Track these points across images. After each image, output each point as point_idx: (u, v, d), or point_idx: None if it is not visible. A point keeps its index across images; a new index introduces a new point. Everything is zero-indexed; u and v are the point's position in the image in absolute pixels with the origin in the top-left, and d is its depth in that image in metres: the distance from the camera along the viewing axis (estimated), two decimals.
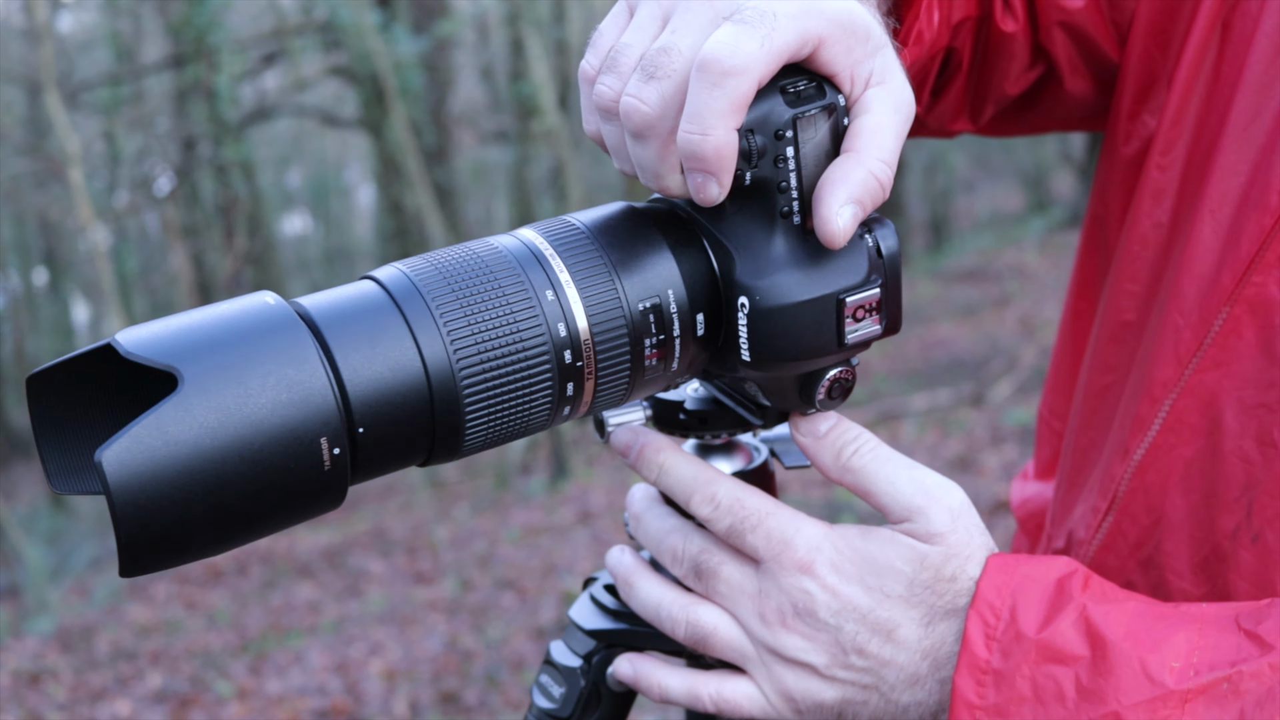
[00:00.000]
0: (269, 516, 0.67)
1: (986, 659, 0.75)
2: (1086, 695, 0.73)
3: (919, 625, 0.79)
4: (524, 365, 0.72)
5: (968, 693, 0.75)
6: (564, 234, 0.76)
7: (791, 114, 0.73)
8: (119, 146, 13.04)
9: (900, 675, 0.79)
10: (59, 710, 6.06)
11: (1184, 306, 0.94)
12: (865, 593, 0.79)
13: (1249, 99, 0.94)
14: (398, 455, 0.71)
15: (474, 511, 9.05)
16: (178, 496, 0.64)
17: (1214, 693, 0.71)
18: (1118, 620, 0.75)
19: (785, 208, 0.75)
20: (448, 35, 12.95)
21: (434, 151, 13.42)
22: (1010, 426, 7.19)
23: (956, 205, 20.36)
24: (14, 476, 17.47)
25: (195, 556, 0.67)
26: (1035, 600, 0.76)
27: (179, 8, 11.86)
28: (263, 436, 0.65)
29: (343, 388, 0.68)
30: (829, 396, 0.80)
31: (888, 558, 0.80)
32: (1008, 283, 12.00)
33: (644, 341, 0.76)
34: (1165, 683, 0.72)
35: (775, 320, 0.75)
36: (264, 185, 16.61)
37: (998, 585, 0.77)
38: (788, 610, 0.80)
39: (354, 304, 0.71)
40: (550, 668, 0.93)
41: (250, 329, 0.67)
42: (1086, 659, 0.74)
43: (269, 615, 7.34)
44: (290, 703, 5.73)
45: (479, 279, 0.73)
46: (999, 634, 0.76)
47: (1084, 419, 1.07)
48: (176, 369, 0.65)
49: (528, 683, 5.30)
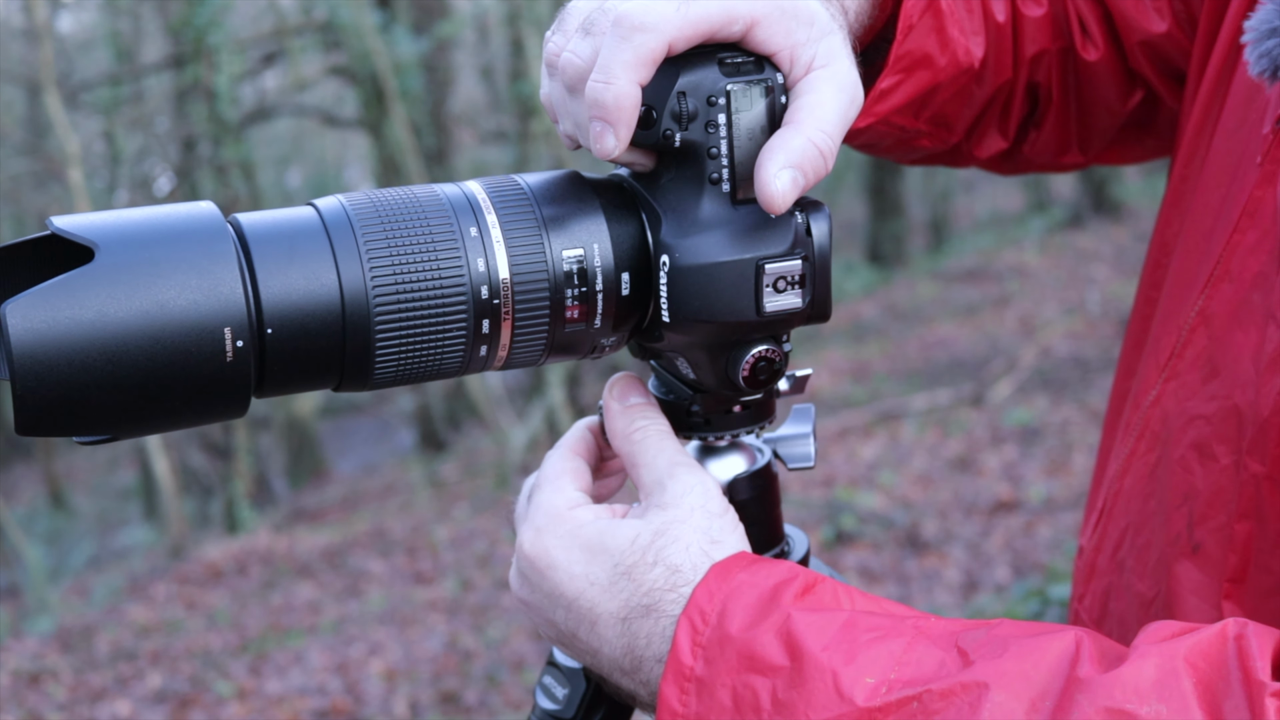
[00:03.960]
0: (168, 400, 0.70)
1: (691, 666, 0.75)
2: (780, 708, 0.71)
3: (616, 621, 0.79)
4: (439, 299, 0.75)
5: (671, 700, 0.75)
6: (505, 188, 0.80)
7: (725, 83, 0.77)
8: (119, 146, 13.03)
9: (611, 665, 0.81)
10: (59, 710, 6.06)
11: (1166, 318, 0.97)
12: (570, 580, 0.81)
13: (1231, 115, 0.96)
14: (307, 371, 0.74)
15: (474, 511, 9.05)
16: (76, 358, 0.67)
17: (903, 712, 0.69)
18: (821, 630, 0.73)
19: (715, 174, 0.78)
20: (448, 36, 12.95)
21: (434, 151, 13.41)
22: (1010, 427, 7.18)
23: (956, 205, 20.35)
24: (14, 476, 17.46)
25: (93, 429, 0.70)
26: (745, 607, 0.75)
27: (179, 8, 11.85)
28: (166, 315, 0.69)
29: (256, 288, 0.72)
30: (754, 376, 0.81)
31: (606, 540, 0.81)
32: (1008, 283, 12.00)
33: (565, 293, 0.78)
34: (855, 699, 0.70)
35: (692, 278, 0.78)
36: (264, 185, 16.61)
37: (711, 591, 0.76)
38: (521, 573, 0.84)
39: (286, 222, 0.75)
40: (553, 669, 0.93)
41: (177, 224, 0.71)
42: (786, 669, 0.72)
43: (269, 615, 7.33)
44: (290, 703, 5.73)
45: (410, 216, 0.76)
46: (704, 640, 0.75)
47: (1107, 424, 1.09)
48: (95, 243, 0.68)
49: (528, 683, 5.30)
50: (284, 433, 15.33)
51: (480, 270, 0.76)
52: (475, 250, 0.77)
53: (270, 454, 15.26)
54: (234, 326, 0.70)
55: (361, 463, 15.67)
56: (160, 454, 11.28)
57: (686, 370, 0.84)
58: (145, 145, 14.19)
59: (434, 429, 14.16)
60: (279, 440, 15.55)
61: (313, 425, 15.43)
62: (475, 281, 0.76)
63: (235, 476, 11.75)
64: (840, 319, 11.81)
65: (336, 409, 18.21)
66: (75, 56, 16.39)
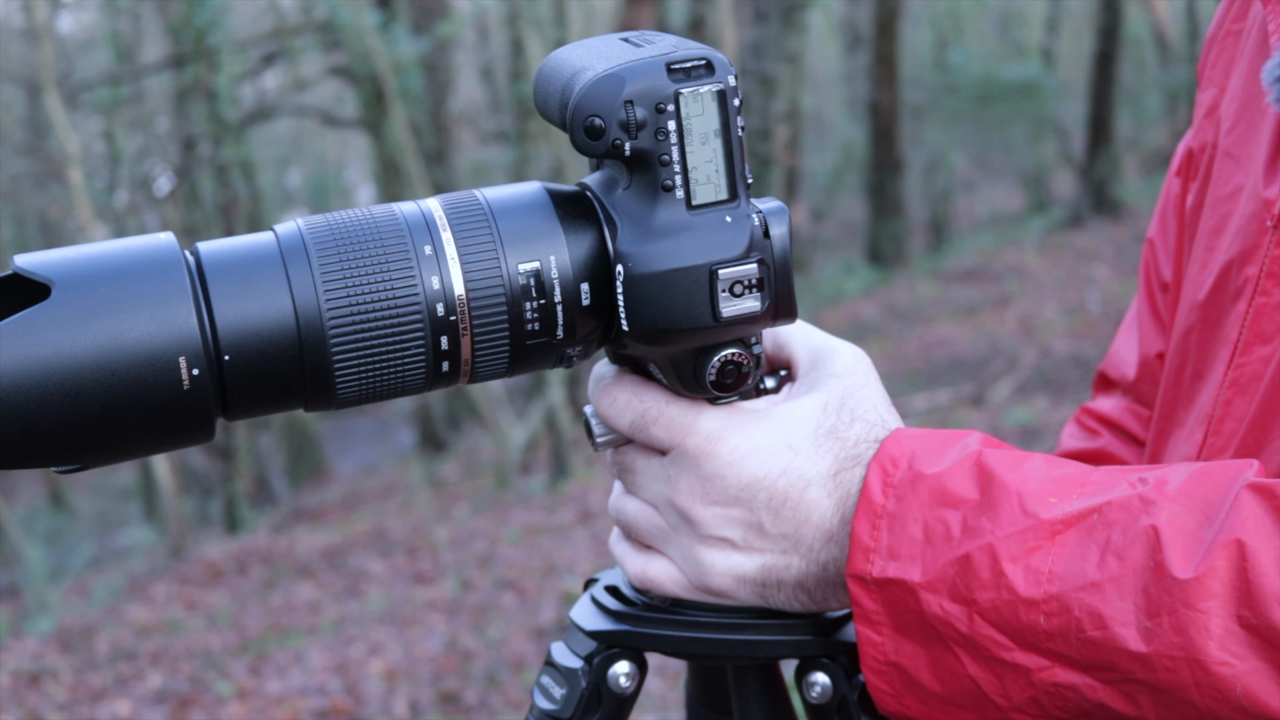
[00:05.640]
0: (129, 431, 0.72)
1: (882, 504, 0.79)
2: (969, 532, 0.77)
3: (828, 479, 0.82)
4: (394, 318, 0.77)
5: (863, 535, 0.79)
6: (462, 204, 0.80)
7: (674, 89, 0.77)
8: (119, 146, 13.04)
9: (816, 534, 0.82)
10: (59, 710, 6.06)
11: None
12: (772, 457, 0.82)
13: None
14: (270, 394, 0.76)
15: (474, 511, 9.05)
16: (34, 393, 0.70)
17: (1084, 524, 0.75)
18: (1011, 466, 0.78)
19: (668, 181, 0.78)
20: (448, 36, 12.95)
21: (434, 152, 13.42)
22: (1010, 426, 7.18)
23: (956, 205, 20.34)
24: (14, 476, 17.46)
25: (59, 460, 0.73)
26: (934, 450, 0.80)
27: (179, 8, 11.86)
28: (121, 348, 0.71)
29: (211, 316, 0.74)
30: (721, 379, 0.81)
31: (794, 412, 0.83)
32: (1008, 283, 11.99)
33: (524, 305, 0.79)
34: (1039, 514, 0.76)
35: (646, 287, 0.78)
36: (264, 185, 16.61)
37: (899, 438, 0.82)
38: (697, 491, 0.83)
39: (243, 250, 0.77)
40: (551, 669, 0.93)
41: (133, 258, 0.73)
42: (975, 502, 0.77)
43: (269, 615, 7.33)
44: (290, 703, 5.73)
45: (365, 237, 0.78)
46: (896, 480, 0.80)
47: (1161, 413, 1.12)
48: (51, 280, 0.71)
49: (528, 683, 5.30)
50: (284, 433, 15.34)
51: (435, 288, 0.77)
52: (429, 268, 0.77)
53: (270, 454, 15.27)
54: (189, 355, 0.72)
55: (361, 463, 15.68)
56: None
57: (658, 375, 0.84)
58: (145, 145, 14.20)
59: (434, 429, 14.17)
60: (279, 440, 15.56)
61: (313, 425, 15.44)
62: (430, 299, 0.77)
63: (235, 476, 11.76)
64: (840, 319, 11.81)
65: None
66: (75, 56, 16.39)
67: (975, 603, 0.76)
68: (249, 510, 11.62)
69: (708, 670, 0.97)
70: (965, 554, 0.77)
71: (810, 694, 0.87)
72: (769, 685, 0.92)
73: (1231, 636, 0.71)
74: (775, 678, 0.93)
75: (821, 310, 12.33)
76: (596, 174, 0.83)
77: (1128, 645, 0.73)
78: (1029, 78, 16.77)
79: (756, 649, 0.86)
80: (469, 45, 17.41)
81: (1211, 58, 1.04)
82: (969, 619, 0.77)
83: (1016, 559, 0.75)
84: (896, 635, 0.80)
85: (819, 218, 20.46)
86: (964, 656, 0.78)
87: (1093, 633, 0.74)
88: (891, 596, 0.79)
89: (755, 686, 0.92)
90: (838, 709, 0.87)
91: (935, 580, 0.77)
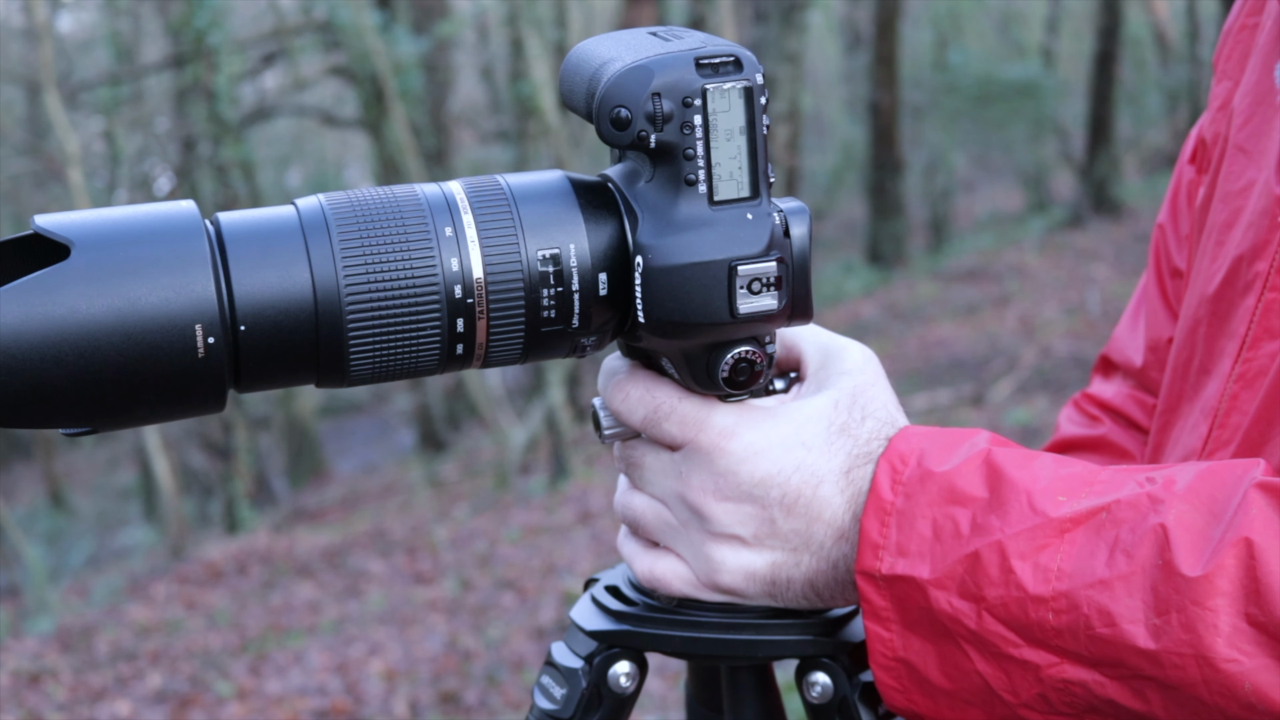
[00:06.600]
0: (141, 396, 0.72)
1: (891, 501, 0.79)
2: (978, 530, 0.77)
3: (840, 476, 0.82)
4: (411, 297, 0.76)
5: (872, 532, 0.79)
6: (485, 188, 0.80)
7: (702, 84, 0.76)
8: (119, 146, 13.03)
9: (828, 531, 0.82)
10: (59, 710, 6.06)
11: None
12: (785, 454, 0.82)
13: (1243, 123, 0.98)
14: (283, 367, 0.76)
15: (474, 511, 9.05)
16: (49, 352, 0.69)
17: (1093, 522, 0.75)
18: (1020, 465, 0.79)
19: (691, 175, 0.77)
20: (448, 36, 12.95)
21: (433, 152, 13.42)
22: (1010, 426, 7.18)
23: (956, 205, 20.35)
24: (14, 476, 17.47)
25: (69, 421, 0.72)
26: (943, 448, 0.81)
27: (179, 8, 11.86)
28: (138, 312, 0.71)
29: (230, 285, 0.73)
30: (734, 376, 0.81)
31: (806, 411, 0.83)
32: (1008, 283, 12.00)
33: (541, 292, 0.79)
34: (1047, 512, 0.76)
35: (664, 280, 0.78)
36: (264, 185, 16.61)
37: (907, 436, 0.82)
38: (709, 488, 0.83)
39: (265, 221, 0.77)
40: (551, 669, 0.93)
41: (153, 223, 0.73)
42: (984, 499, 0.78)
43: (269, 615, 7.33)
44: (290, 703, 5.73)
45: (386, 216, 0.77)
46: (905, 478, 0.80)
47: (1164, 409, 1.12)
48: (71, 241, 0.70)
49: (528, 683, 5.30)
50: (284, 433, 15.34)
51: (454, 269, 0.77)
52: (449, 249, 0.77)
53: (270, 454, 15.26)
54: (205, 323, 0.72)
55: (361, 463, 15.67)
56: (160, 454, 11.29)
57: (671, 370, 0.84)
58: (145, 145, 14.20)
59: (434, 429, 14.17)
60: (279, 440, 15.56)
61: (313, 425, 15.45)
62: (448, 280, 0.77)
63: (235, 476, 11.76)
64: (840, 319, 11.81)
65: (336, 409, 18.23)
66: (75, 56, 16.40)
67: (984, 599, 0.77)
68: (249, 510, 11.62)
69: (707, 670, 0.97)
70: (974, 551, 0.77)
71: (811, 694, 0.87)
72: (762, 686, 0.92)
73: (1240, 634, 0.71)
74: (768, 678, 0.93)
75: (822, 310, 12.31)
76: (619, 165, 0.83)
77: (1136, 642, 0.73)
78: (1029, 78, 16.78)
79: (757, 650, 0.86)
80: (469, 45, 17.42)
81: (1227, 50, 1.04)
82: (977, 616, 0.77)
83: (1025, 556, 0.76)
84: (905, 632, 0.80)
85: (819, 218, 20.44)
86: (972, 653, 0.78)
87: (1101, 630, 0.74)
88: (900, 593, 0.79)
89: (748, 687, 0.92)
90: (838, 709, 0.86)
91: (944, 577, 0.77)
